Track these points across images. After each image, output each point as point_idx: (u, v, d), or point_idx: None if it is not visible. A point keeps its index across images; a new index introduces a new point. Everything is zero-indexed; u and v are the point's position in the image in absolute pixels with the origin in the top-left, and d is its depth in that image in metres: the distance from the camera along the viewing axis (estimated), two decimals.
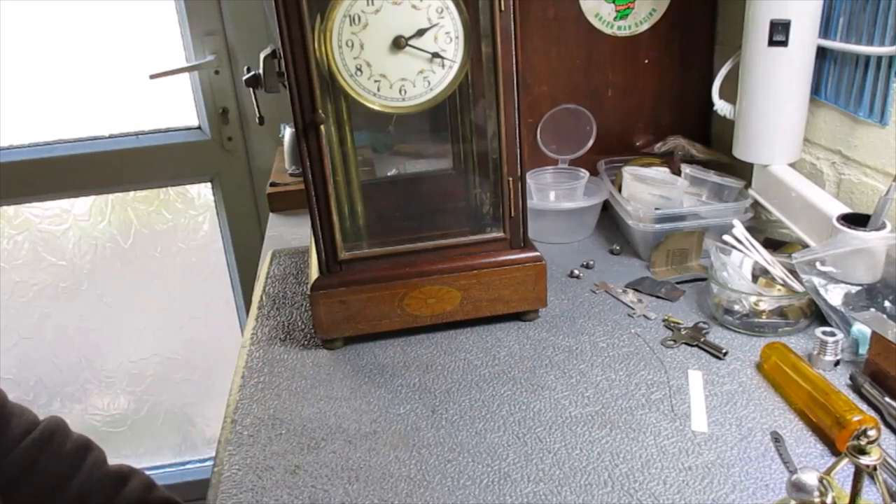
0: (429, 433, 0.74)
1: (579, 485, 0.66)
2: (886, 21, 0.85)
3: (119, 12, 1.66)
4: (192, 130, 1.82)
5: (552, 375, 0.82)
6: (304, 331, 0.95)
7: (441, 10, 0.81)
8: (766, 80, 0.97)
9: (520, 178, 0.88)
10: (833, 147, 0.98)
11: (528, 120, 1.19)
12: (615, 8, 1.18)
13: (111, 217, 1.85)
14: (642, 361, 0.83)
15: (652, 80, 1.23)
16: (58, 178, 1.76)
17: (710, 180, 1.11)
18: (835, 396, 0.69)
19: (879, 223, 0.82)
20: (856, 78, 0.91)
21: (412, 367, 0.85)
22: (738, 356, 0.83)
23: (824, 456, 0.67)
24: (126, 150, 1.77)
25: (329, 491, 0.67)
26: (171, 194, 1.87)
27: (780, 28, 0.93)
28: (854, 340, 0.80)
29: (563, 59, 1.20)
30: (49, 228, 1.84)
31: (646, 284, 0.99)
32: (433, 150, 1.07)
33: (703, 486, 0.64)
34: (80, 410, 2.03)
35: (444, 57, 0.82)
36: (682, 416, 0.74)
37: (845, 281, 0.83)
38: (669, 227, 1.03)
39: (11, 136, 1.73)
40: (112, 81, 1.73)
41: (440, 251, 0.89)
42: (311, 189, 0.84)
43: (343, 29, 0.79)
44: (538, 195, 1.16)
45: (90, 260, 1.87)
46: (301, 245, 1.20)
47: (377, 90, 0.82)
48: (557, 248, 1.12)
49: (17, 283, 1.87)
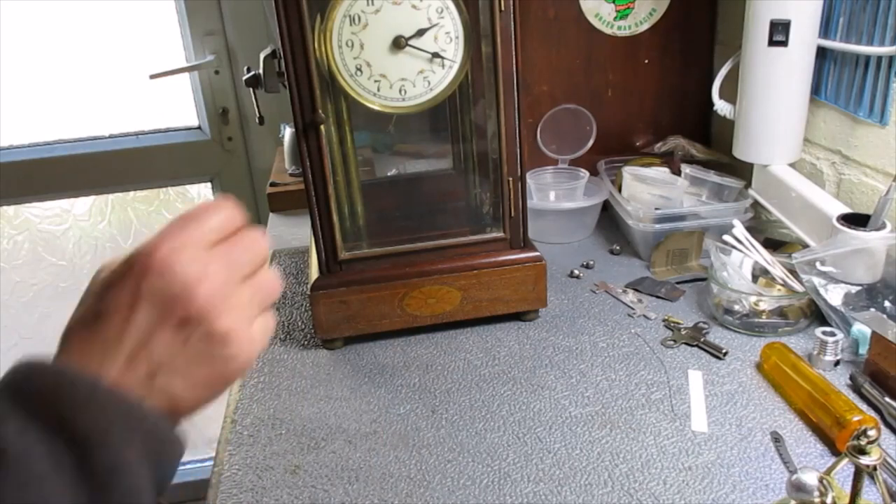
0: (429, 433, 0.74)
1: (579, 485, 0.66)
2: (886, 21, 0.85)
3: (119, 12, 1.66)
4: (192, 130, 1.82)
5: (552, 375, 0.82)
6: (303, 331, 0.95)
7: (441, 9, 0.81)
8: (766, 80, 0.97)
9: (520, 178, 0.88)
10: (833, 147, 0.98)
11: (528, 120, 1.19)
12: (615, 8, 1.18)
13: (111, 217, 1.85)
14: (642, 361, 0.83)
15: (652, 80, 1.23)
16: (58, 178, 1.76)
17: (710, 180, 1.11)
18: (835, 396, 0.69)
19: (879, 223, 0.82)
20: (856, 78, 0.91)
21: (412, 367, 0.85)
22: (738, 356, 0.83)
23: (824, 456, 0.67)
24: (126, 150, 1.76)
25: (329, 491, 0.67)
26: (171, 194, 1.87)
27: (780, 28, 0.93)
28: (854, 340, 0.80)
29: (563, 59, 1.20)
30: (49, 228, 1.84)
31: (646, 284, 0.99)
32: (433, 150, 1.07)
33: (703, 486, 0.64)
34: None
35: (444, 57, 0.82)
36: (682, 416, 0.74)
37: (845, 281, 0.83)
38: (669, 227, 1.03)
39: (11, 136, 1.73)
40: (112, 81, 1.72)
41: (440, 251, 0.89)
42: (311, 189, 0.84)
43: (343, 29, 0.79)
44: (538, 195, 1.16)
45: (90, 260, 1.87)
46: (301, 245, 1.20)
47: (377, 90, 0.82)
48: (557, 248, 1.12)
49: (17, 283, 1.87)
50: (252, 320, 0.43)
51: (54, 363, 0.39)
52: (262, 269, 0.45)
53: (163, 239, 0.41)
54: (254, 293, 0.43)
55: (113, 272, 0.41)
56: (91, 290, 0.43)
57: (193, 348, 0.40)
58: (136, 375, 0.39)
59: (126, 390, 0.38)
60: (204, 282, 0.40)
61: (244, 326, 0.42)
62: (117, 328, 0.39)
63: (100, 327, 0.40)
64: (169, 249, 0.41)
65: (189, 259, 0.40)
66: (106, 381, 0.38)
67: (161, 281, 0.39)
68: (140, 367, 0.39)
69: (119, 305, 0.40)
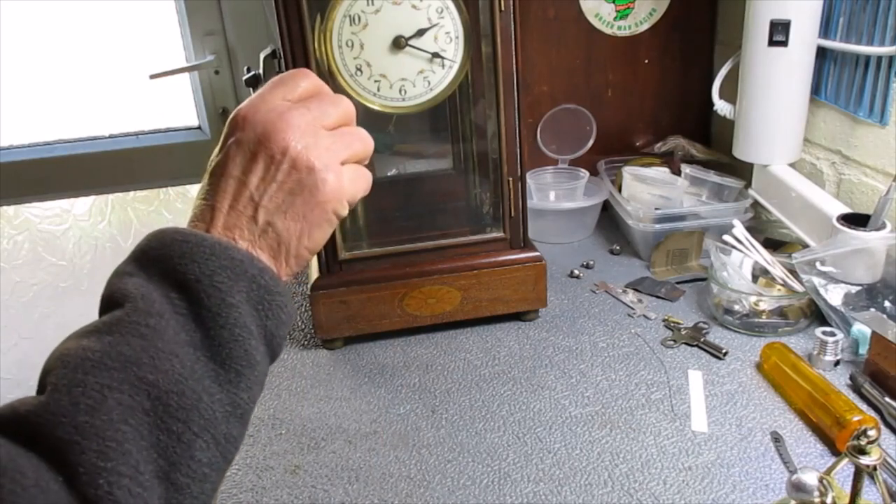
0: (429, 433, 0.74)
1: (579, 485, 0.66)
2: (886, 21, 0.85)
3: (119, 12, 1.66)
4: (192, 130, 1.82)
5: (552, 375, 0.82)
6: (304, 331, 0.95)
7: (441, 9, 0.81)
8: (766, 80, 0.97)
9: (520, 178, 0.88)
10: (833, 147, 0.98)
11: (528, 120, 1.19)
12: (615, 8, 1.18)
13: (111, 217, 1.85)
14: (642, 361, 0.83)
15: (652, 80, 1.23)
16: (58, 178, 1.76)
17: (710, 180, 1.11)
18: (835, 396, 0.69)
19: (879, 223, 0.82)
20: (856, 78, 0.91)
21: (412, 367, 0.85)
22: (738, 356, 0.83)
23: (824, 456, 0.67)
24: (126, 150, 1.76)
25: (329, 491, 0.67)
26: (171, 194, 1.87)
27: (780, 28, 0.93)
28: (854, 340, 0.80)
29: (563, 59, 1.20)
30: (49, 228, 1.84)
31: (646, 284, 0.99)
32: (433, 150, 1.07)
33: (703, 486, 0.64)
34: None
35: (444, 57, 0.82)
36: (682, 416, 0.74)
37: (845, 281, 0.83)
38: (669, 227, 1.03)
39: (11, 136, 1.73)
40: (112, 81, 1.73)
41: (440, 251, 0.89)
42: None
43: (343, 29, 0.79)
44: (538, 195, 1.16)
45: (90, 260, 1.87)
46: None
47: (377, 90, 0.82)
48: (557, 248, 1.12)
49: (17, 283, 1.87)
50: (338, 159, 0.47)
51: (173, 228, 0.44)
52: (349, 123, 0.49)
53: (250, 98, 0.47)
54: (338, 138, 0.47)
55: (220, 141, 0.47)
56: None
57: (284, 182, 0.45)
58: (241, 219, 0.44)
59: (233, 242, 0.43)
60: (284, 123, 0.45)
61: (330, 161, 0.46)
62: (219, 182, 0.45)
63: (209, 188, 0.45)
64: (251, 104, 0.46)
65: (269, 108, 0.45)
66: (215, 234, 0.44)
67: (247, 128, 0.45)
68: (245, 210, 0.45)
69: (217, 163, 0.45)
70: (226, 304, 0.40)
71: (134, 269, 0.42)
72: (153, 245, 0.42)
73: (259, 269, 0.43)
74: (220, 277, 0.41)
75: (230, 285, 0.41)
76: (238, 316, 0.41)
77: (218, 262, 0.41)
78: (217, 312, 0.40)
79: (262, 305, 0.42)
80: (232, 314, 0.41)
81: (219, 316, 0.40)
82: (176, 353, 0.38)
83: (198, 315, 0.40)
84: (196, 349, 0.39)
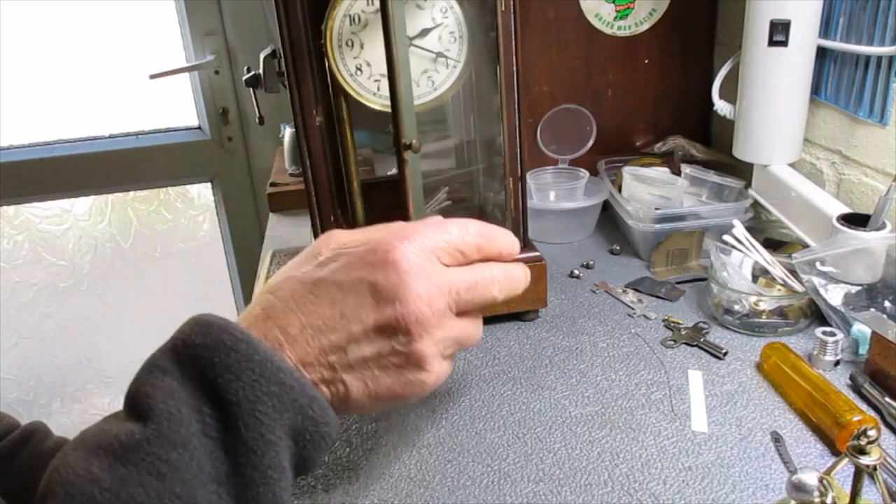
0: (429, 433, 0.74)
1: (579, 485, 0.66)
2: (886, 21, 0.85)
3: (119, 12, 1.66)
4: (192, 130, 1.82)
5: (552, 375, 0.82)
6: None
7: (445, 9, 0.81)
8: (766, 80, 0.97)
9: (520, 178, 0.88)
10: (833, 147, 0.98)
11: (528, 120, 1.19)
12: (615, 8, 1.18)
13: (111, 217, 1.85)
14: (642, 361, 0.83)
15: (652, 80, 1.23)
16: (58, 178, 1.76)
17: (710, 180, 1.11)
18: (835, 396, 0.69)
19: (879, 223, 0.82)
20: (856, 78, 0.91)
21: None
22: (738, 356, 0.83)
23: (824, 456, 0.67)
24: (126, 150, 1.77)
25: (329, 491, 0.67)
26: (171, 194, 1.87)
27: (780, 28, 0.93)
28: (854, 340, 0.80)
29: (563, 59, 1.20)
30: (49, 228, 1.84)
31: (646, 284, 0.99)
32: (434, 149, 1.06)
33: (703, 486, 0.64)
34: (80, 410, 2.03)
35: (448, 57, 0.82)
36: (682, 416, 0.74)
37: (845, 281, 0.83)
38: (669, 227, 1.03)
39: (11, 136, 1.73)
40: (112, 81, 1.73)
41: None
42: (311, 189, 0.84)
43: (343, 29, 0.79)
44: (538, 195, 1.16)
45: (90, 260, 1.87)
46: (301, 245, 1.20)
47: (377, 90, 0.82)
48: (557, 248, 1.12)
49: (17, 283, 1.87)
50: (445, 357, 0.41)
51: (223, 321, 0.37)
52: (478, 312, 0.43)
53: (407, 233, 0.40)
54: (459, 333, 0.41)
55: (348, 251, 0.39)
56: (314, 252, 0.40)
57: (388, 359, 0.39)
58: (318, 357, 0.38)
59: (285, 359, 0.37)
60: (423, 296, 0.38)
61: (439, 358, 0.40)
62: (321, 303, 0.38)
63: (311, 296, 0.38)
64: (406, 250, 0.39)
65: (419, 271, 0.38)
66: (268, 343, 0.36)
67: (387, 273, 0.38)
68: (327, 356, 0.38)
69: (339, 281, 0.38)
70: (264, 441, 0.35)
71: (169, 365, 0.36)
72: (196, 340, 0.36)
73: (309, 399, 0.37)
74: (263, 407, 0.35)
75: (274, 417, 0.35)
76: (274, 455, 0.35)
77: (265, 388, 0.35)
78: (253, 448, 0.35)
79: (304, 437, 0.37)
80: (269, 453, 0.35)
81: (254, 454, 0.35)
82: (195, 497, 0.33)
83: (231, 446, 0.35)
84: (220, 485, 0.34)
